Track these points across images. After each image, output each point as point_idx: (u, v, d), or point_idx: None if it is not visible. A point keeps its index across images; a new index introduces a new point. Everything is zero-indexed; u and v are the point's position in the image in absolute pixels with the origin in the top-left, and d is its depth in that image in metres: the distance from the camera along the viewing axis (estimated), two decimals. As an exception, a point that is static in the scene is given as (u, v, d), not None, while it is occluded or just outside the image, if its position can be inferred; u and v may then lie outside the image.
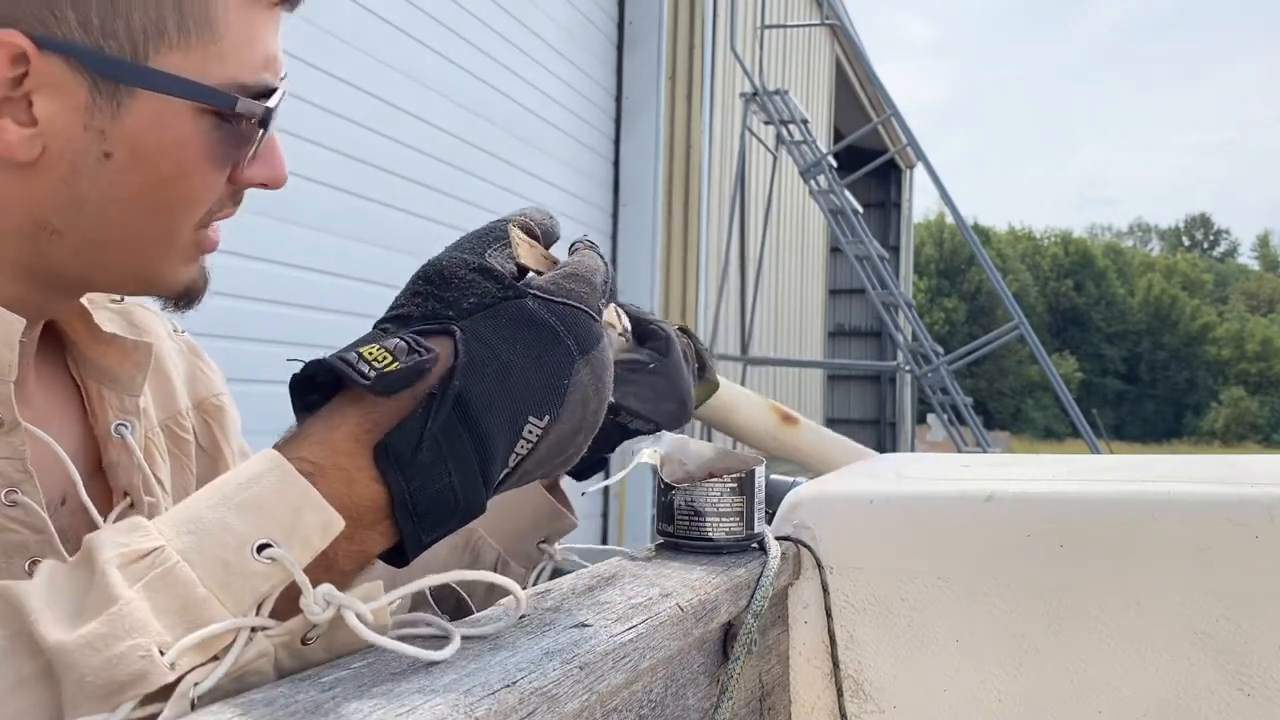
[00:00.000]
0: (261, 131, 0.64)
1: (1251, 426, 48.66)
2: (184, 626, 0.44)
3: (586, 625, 0.54)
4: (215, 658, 0.44)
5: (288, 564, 0.46)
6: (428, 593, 0.69)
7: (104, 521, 0.67)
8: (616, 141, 6.98)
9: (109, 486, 0.70)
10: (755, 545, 0.78)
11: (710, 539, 0.76)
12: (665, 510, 0.77)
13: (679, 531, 0.76)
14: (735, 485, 0.76)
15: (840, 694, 0.84)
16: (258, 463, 0.49)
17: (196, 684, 0.42)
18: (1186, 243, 69.82)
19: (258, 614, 0.46)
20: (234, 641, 0.44)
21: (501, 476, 0.53)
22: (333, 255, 4.13)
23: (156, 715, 0.41)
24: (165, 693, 0.42)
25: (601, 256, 0.61)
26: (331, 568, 0.49)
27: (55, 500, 0.66)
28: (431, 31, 4.85)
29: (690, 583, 0.66)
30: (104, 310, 0.75)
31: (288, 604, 0.47)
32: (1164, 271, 56.65)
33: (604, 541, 6.55)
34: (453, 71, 5.03)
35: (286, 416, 0.54)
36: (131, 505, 0.70)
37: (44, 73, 0.59)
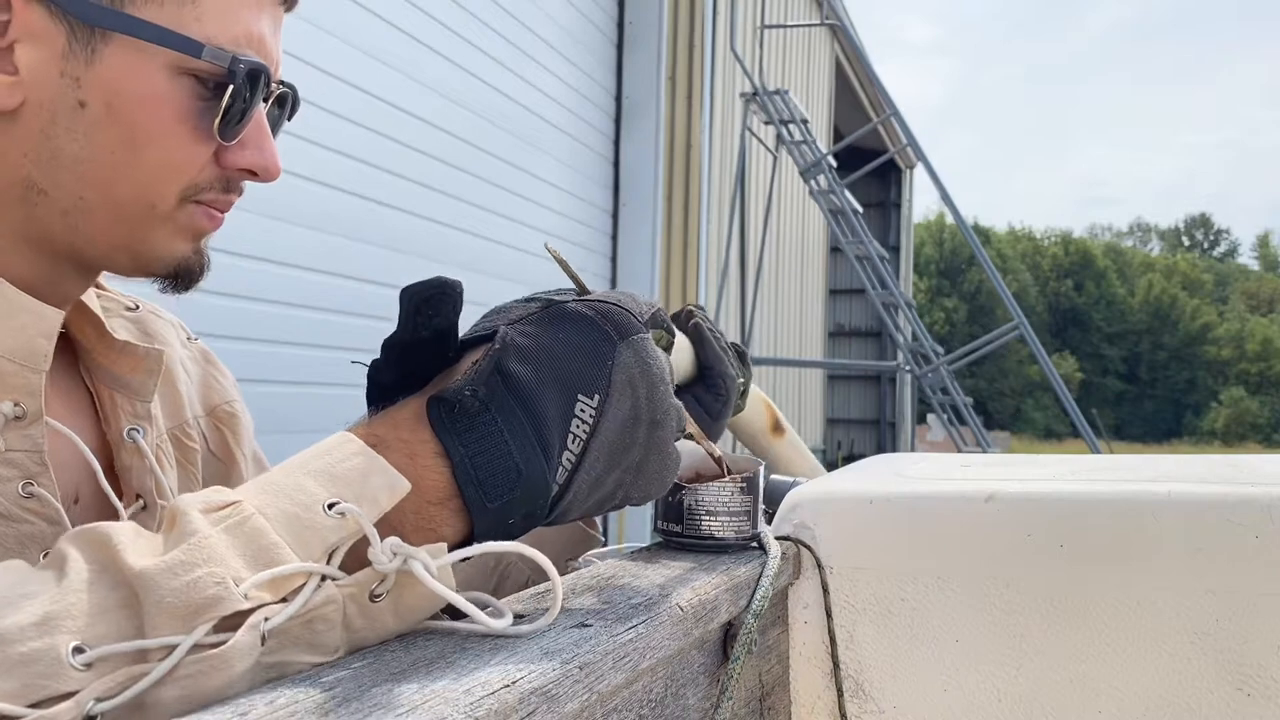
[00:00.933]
0: (232, 88, 0.64)
1: (1251, 426, 48.65)
2: (257, 568, 0.46)
3: (586, 625, 0.54)
4: (285, 600, 0.46)
5: (356, 516, 0.48)
6: None
7: (123, 517, 0.68)
8: (616, 141, 6.98)
9: (120, 490, 0.71)
10: (755, 545, 0.78)
11: (720, 538, 0.76)
12: (673, 510, 0.77)
13: (688, 531, 0.76)
14: (745, 485, 0.76)
15: (840, 694, 0.84)
16: (328, 440, 0.53)
17: (267, 619, 0.45)
18: (1186, 243, 69.81)
19: (328, 564, 0.48)
20: (304, 585, 0.46)
21: (571, 467, 0.56)
22: (333, 255, 4.13)
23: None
24: (237, 624, 0.44)
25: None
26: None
27: (69, 498, 0.67)
28: (431, 31, 4.85)
29: (690, 583, 0.66)
30: (118, 319, 0.77)
31: (358, 565, 0.49)
32: (1164, 271, 56.65)
33: (604, 542, 6.55)
34: (453, 71, 5.03)
35: (287, 416, 0.55)
36: (144, 507, 0.71)
37: (27, 21, 0.61)
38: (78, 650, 0.42)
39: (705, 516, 0.76)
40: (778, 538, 0.81)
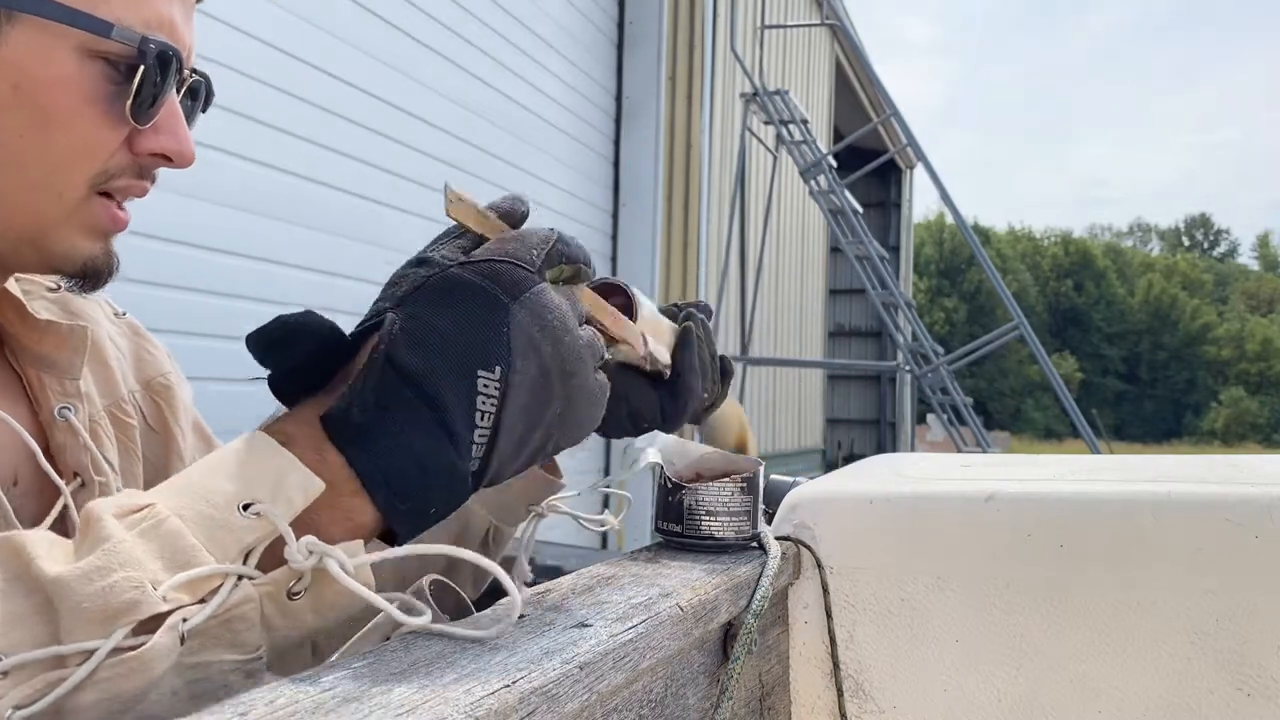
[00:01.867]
0: (142, 69, 0.64)
1: (1251, 426, 48.66)
2: (175, 570, 0.46)
3: (586, 625, 0.54)
4: (203, 601, 0.46)
5: (271, 516, 0.48)
6: (428, 592, 0.70)
7: (66, 495, 0.68)
8: (616, 141, 6.98)
9: (58, 470, 0.70)
10: (755, 545, 0.78)
11: (720, 538, 0.76)
12: (673, 510, 0.77)
13: (688, 531, 0.76)
14: (745, 485, 0.77)
15: (840, 694, 0.84)
16: (241, 439, 0.52)
17: (185, 620, 0.45)
18: (1186, 243, 69.83)
19: (244, 564, 0.48)
20: (221, 585, 0.47)
21: (485, 441, 0.53)
22: (331, 255, 4.13)
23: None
24: (156, 626, 0.44)
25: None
26: (320, 538, 0.51)
27: (7, 480, 0.67)
28: (431, 31, 4.85)
29: (690, 583, 0.66)
30: (40, 300, 0.76)
31: (277, 563, 0.49)
32: (1164, 271, 56.67)
33: (604, 542, 6.55)
34: (453, 71, 5.03)
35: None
36: (83, 485, 0.71)
37: None
38: None
39: (705, 516, 0.76)
40: (778, 538, 0.81)
